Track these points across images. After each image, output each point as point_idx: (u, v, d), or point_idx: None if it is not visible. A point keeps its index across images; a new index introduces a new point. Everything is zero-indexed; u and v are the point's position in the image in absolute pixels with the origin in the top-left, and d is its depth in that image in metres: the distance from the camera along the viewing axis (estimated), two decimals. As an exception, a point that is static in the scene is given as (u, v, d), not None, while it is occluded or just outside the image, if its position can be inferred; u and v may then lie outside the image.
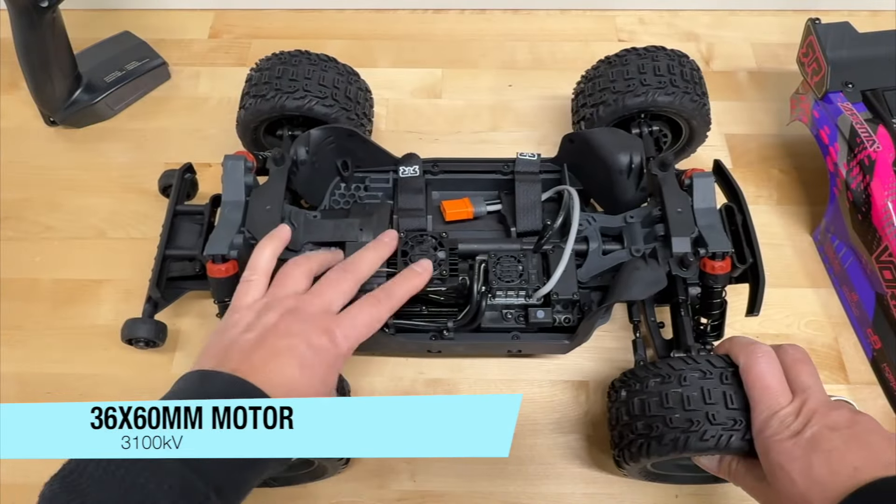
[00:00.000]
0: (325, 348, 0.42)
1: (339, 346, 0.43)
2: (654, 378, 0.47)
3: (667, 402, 0.45)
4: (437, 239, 0.53)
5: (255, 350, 0.40)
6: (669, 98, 0.60)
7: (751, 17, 0.85)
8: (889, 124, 0.59)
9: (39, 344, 0.62)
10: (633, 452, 0.47)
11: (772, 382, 0.43)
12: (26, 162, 0.73)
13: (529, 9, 0.86)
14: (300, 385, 0.40)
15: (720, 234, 0.53)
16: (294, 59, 0.62)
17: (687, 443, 0.43)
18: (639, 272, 0.51)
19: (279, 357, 0.40)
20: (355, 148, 0.60)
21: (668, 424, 0.44)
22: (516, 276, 0.53)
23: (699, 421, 0.43)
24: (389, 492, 0.55)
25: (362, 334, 0.45)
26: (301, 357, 0.41)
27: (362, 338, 0.45)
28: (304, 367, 0.40)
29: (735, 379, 0.45)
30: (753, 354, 0.44)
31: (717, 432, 0.43)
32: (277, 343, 0.41)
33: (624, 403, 0.49)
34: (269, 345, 0.41)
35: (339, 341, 0.43)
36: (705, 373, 0.45)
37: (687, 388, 0.45)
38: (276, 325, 0.42)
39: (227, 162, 0.55)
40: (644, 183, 0.58)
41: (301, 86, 0.60)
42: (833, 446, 0.39)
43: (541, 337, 0.55)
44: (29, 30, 0.64)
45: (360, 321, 0.45)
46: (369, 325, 0.45)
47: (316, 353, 0.41)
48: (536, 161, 0.60)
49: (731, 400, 0.44)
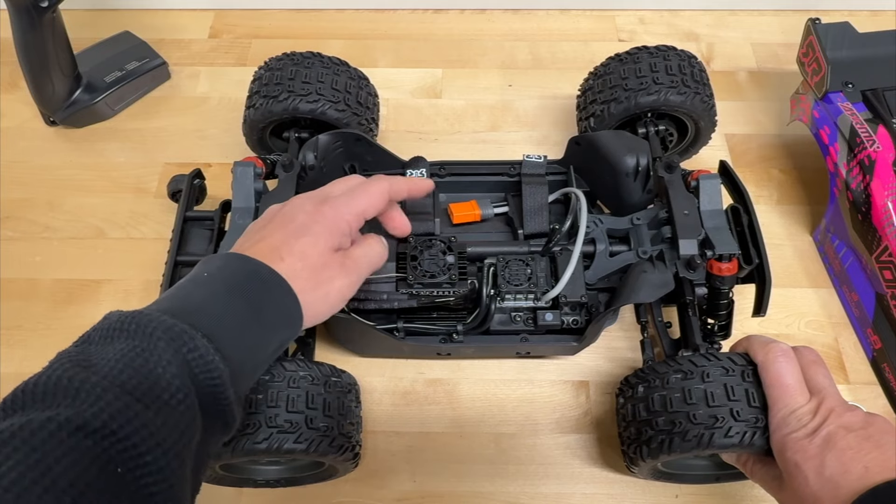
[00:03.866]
0: (319, 210, 0.43)
1: (338, 208, 0.43)
2: (676, 374, 0.47)
3: (690, 397, 0.45)
4: (446, 243, 0.53)
5: (259, 231, 0.42)
6: (682, 97, 0.60)
7: (751, 17, 0.85)
8: (889, 124, 0.59)
9: (39, 344, 0.62)
10: (653, 449, 0.47)
11: (790, 381, 0.43)
12: (26, 162, 0.73)
13: (529, 9, 0.86)
14: (292, 244, 0.40)
15: (727, 235, 0.53)
16: (307, 61, 0.62)
17: (711, 439, 0.43)
18: (646, 275, 0.51)
19: (273, 228, 0.42)
20: (363, 152, 0.60)
21: (692, 420, 0.44)
22: (525, 279, 0.53)
23: (724, 417, 0.44)
24: (389, 492, 0.55)
25: (362, 202, 0.45)
26: (290, 220, 0.42)
27: (362, 206, 0.45)
28: (292, 230, 0.41)
29: (755, 377, 0.45)
30: (772, 353, 0.45)
31: (741, 429, 0.43)
32: (274, 218, 0.43)
33: (642, 399, 0.48)
34: (267, 222, 0.43)
35: (339, 205, 0.44)
36: (728, 370, 0.45)
37: (710, 385, 0.45)
38: (279, 208, 0.44)
39: (237, 168, 0.55)
40: (650, 185, 0.58)
41: (315, 89, 0.60)
42: (847, 445, 0.39)
43: (549, 339, 0.55)
44: (29, 30, 0.64)
45: (358, 193, 0.45)
46: (369, 194, 0.45)
47: (309, 215, 0.42)
48: (543, 163, 0.60)
49: (753, 398, 0.44)
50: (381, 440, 0.57)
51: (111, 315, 0.35)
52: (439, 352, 0.56)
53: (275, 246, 0.40)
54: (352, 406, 0.50)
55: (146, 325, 0.33)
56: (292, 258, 0.40)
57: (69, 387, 0.30)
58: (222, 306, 0.36)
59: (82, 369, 0.31)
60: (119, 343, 0.33)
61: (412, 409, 0.59)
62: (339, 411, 0.48)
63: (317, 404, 0.46)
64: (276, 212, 0.44)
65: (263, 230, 0.42)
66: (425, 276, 0.52)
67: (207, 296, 0.37)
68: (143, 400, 0.31)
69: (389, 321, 0.55)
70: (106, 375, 0.31)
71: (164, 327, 0.33)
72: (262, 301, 0.38)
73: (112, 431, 0.29)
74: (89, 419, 0.29)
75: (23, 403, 0.30)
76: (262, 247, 0.40)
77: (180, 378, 0.32)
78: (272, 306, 0.38)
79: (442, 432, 0.58)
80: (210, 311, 0.36)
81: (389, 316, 0.55)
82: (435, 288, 0.52)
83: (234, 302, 0.37)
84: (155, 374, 0.32)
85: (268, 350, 0.38)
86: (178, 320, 0.34)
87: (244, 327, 0.36)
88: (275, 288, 0.38)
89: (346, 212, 0.44)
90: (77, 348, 0.33)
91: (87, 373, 0.31)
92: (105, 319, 0.35)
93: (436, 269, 0.52)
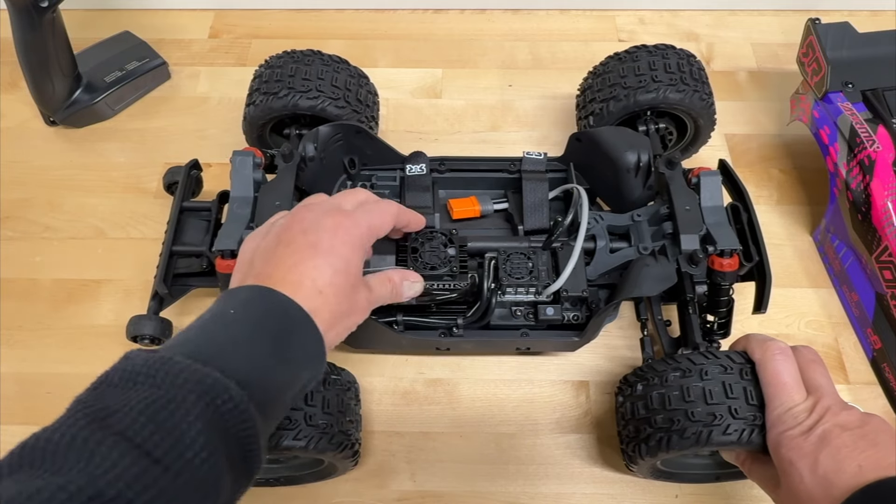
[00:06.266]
0: (341, 224, 0.41)
1: (357, 221, 0.41)
2: (675, 372, 0.47)
3: (688, 395, 0.45)
4: (447, 236, 0.53)
5: (275, 250, 0.39)
6: (680, 95, 0.60)
7: (751, 17, 0.85)
8: (889, 124, 0.59)
9: (39, 344, 0.62)
10: (651, 447, 0.47)
11: (787, 379, 0.43)
12: (26, 162, 0.73)
13: (529, 9, 0.86)
14: (323, 273, 0.38)
15: (728, 231, 0.53)
16: (307, 59, 0.62)
17: (710, 436, 0.43)
18: (649, 269, 0.52)
19: (297, 250, 0.39)
20: (363, 145, 0.60)
21: (691, 418, 0.44)
22: (526, 272, 0.53)
23: (722, 415, 0.44)
24: (389, 492, 0.55)
25: (377, 219, 0.43)
26: (317, 241, 0.39)
27: (377, 222, 0.43)
28: (321, 252, 0.39)
29: (753, 375, 0.45)
30: (770, 351, 0.45)
31: (739, 426, 0.43)
32: (293, 236, 0.40)
33: (641, 397, 0.48)
34: (285, 240, 0.40)
35: (357, 217, 0.42)
36: (726, 368, 0.46)
37: (708, 382, 0.45)
38: (289, 222, 0.41)
39: (236, 158, 0.55)
40: (651, 181, 0.58)
41: (315, 86, 0.60)
42: (842, 444, 0.39)
43: (549, 334, 0.55)
44: (29, 30, 0.64)
45: (373, 209, 0.44)
46: (383, 213, 0.44)
47: (332, 233, 0.40)
48: (543, 160, 0.60)
49: (751, 396, 0.44)
50: (381, 440, 0.57)
51: (135, 356, 0.32)
52: (438, 346, 0.55)
53: (302, 272, 0.38)
54: (351, 404, 0.50)
55: (175, 375, 0.31)
56: (319, 290, 0.38)
57: (83, 448, 0.27)
58: (251, 347, 0.34)
59: (99, 426, 0.28)
60: (143, 390, 0.30)
61: (412, 409, 0.59)
62: (339, 408, 0.48)
63: (316, 401, 0.46)
64: (289, 224, 0.41)
65: (286, 249, 0.39)
66: (426, 269, 0.52)
67: (235, 337, 0.35)
68: (163, 461, 0.28)
69: (389, 314, 0.55)
70: (124, 432, 0.28)
71: (196, 378, 0.31)
72: (289, 341, 0.36)
73: (128, 500, 0.27)
74: (103, 488, 0.26)
75: (31, 461, 0.27)
76: (286, 273, 0.38)
77: (206, 434, 0.30)
78: (298, 346, 0.36)
79: (442, 432, 0.58)
80: (240, 355, 0.34)
81: (389, 309, 0.55)
82: (435, 280, 0.51)
83: (262, 343, 0.35)
84: (179, 430, 0.29)
85: (293, 391, 0.36)
86: (208, 367, 0.31)
87: (273, 370, 0.35)
88: (302, 326, 0.37)
89: (366, 224, 0.42)
90: (95, 392, 0.31)
91: (104, 432, 0.28)
92: (127, 360, 0.32)
93: (437, 261, 0.52)
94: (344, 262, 0.40)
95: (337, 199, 0.44)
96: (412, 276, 0.47)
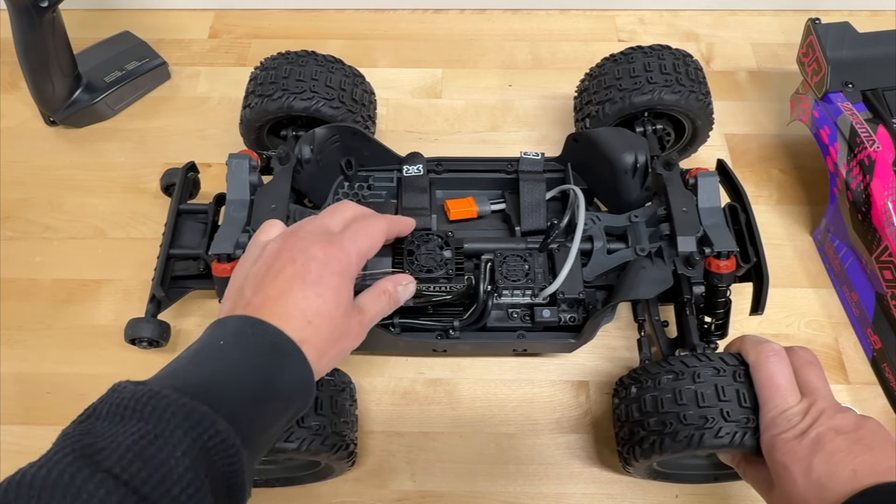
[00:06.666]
0: (330, 255, 0.41)
1: (345, 250, 0.41)
2: (667, 374, 0.47)
3: (680, 398, 0.45)
4: (444, 238, 0.53)
5: (264, 278, 0.39)
6: (676, 96, 0.60)
7: (751, 17, 0.85)
8: (889, 124, 0.59)
9: (39, 344, 0.62)
10: (645, 449, 0.47)
11: (781, 381, 0.43)
12: (26, 162, 0.73)
13: (529, 9, 0.86)
14: (311, 304, 0.39)
15: (725, 233, 0.53)
16: (301, 60, 0.62)
17: (702, 440, 0.43)
18: (645, 271, 0.51)
19: (286, 280, 0.39)
20: (359, 146, 0.60)
21: (683, 421, 0.44)
22: (522, 275, 0.53)
23: (714, 418, 0.44)
24: (389, 492, 0.55)
25: (365, 244, 0.43)
26: (305, 272, 0.39)
27: (365, 247, 0.43)
28: (309, 283, 0.39)
29: (747, 377, 0.45)
30: (764, 353, 0.44)
31: (731, 429, 0.43)
32: (282, 265, 0.40)
33: (635, 400, 0.48)
34: (274, 269, 0.40)
35: (345, 245, 0.42)
36: (718, 370, 0.45)
37: (701, 385, 0.45)
38: (279, 248, 0.41)
39: (232, 160, 0.55)
40: (649, 182, 0.58)
41: (308, 87, 0.60)
42: (836, 447, 0.39)
43: (546, 336, 0.55)
44: (29, 30, 0.64)
45: (360, 232, 0.43)
46: (371, 234, 0.44)
47: (321, 263, 0.40)
48: (540, 160, 0.60)
49: (744, 398, 0.44)
50: (381, 440, 0.57)
51: (122, 388, 0.32)
52: (435, 348, 0.55)
53: (291, 303, 0.38)
54: (346, 405, 0.50)
55: (163, 409, 0.31)
56: (309, 322, 0.38)
57: (70, 486, 0.27)
58: (239, 380, 0.35)
59: (85, 462, 0.29)
60: (131, 425, 0.30)
61: (412, 409, 0.59)
62: (332, 410, 0.48)
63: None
64: (278, 252, 0.41)
65: (274, 280, 0.39)
66: (422, 271, 0.51)
67: (223, 369, 0.35)
68: (150, 498, 0.28)
69: (385, 317, 0.55)
70: (111, 469, 0.29)
71: (184, 412, 0.31)
72: (278, 374, 0.36)
73: None
74: None
75: (17, 497, 0.27)
76: (275, 304, 0.38)
77: (194, 470, 0.30)
78: (287, 379, 0.36)
79: (442, 432, 0.58)
80: (228, 388, 0.34)
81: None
82: (432, 283, 0.51)
83: (251, 376, 0.35)
84: (167, 467, 0.29)
85: (280, 424, 0.37)
86: (196, 401, 0.32)
87: (261, 403, 0.35)
88: (291, 358, 0.37)
89: (354, 252, 0.42)
90: (81, 426, 0.31)
91: (91, 469, 0.28)
92: (115, 392, 0.32)
93: (433, 263, 0.52)
94: (332, 291, 0.40)
95: (324, 221, 0.44)
96: (404, 280, 0.47)
